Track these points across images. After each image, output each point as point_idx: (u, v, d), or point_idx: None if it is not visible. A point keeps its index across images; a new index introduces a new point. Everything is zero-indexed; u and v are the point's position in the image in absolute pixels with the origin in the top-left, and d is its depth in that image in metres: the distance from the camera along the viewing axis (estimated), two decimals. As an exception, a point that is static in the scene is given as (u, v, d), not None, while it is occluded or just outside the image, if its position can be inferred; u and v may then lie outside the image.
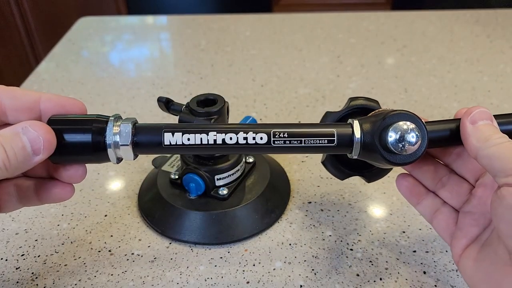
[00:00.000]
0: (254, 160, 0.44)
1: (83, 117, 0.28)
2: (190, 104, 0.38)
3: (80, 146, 0.26)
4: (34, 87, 0.64)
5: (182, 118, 0.38)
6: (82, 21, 0.87)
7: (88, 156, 0.27)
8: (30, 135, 0.25)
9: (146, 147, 0.27)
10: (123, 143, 0.27)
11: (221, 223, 0.39)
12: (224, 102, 0.38)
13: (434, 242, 0.38)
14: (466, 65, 0.67)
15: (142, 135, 0.27)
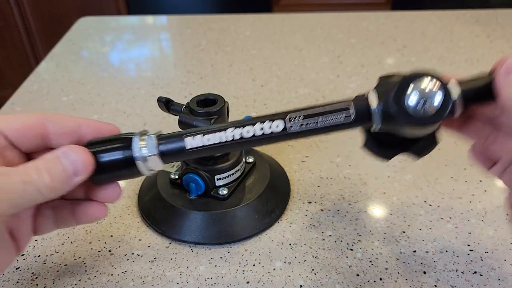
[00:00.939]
0: (254, 160, 0.44)
1: (113, 137, 0.29)
2: (190, 104, 0.38)
3: (114, 163, 0.28)
4: (34, 87, 0.64)
5: (182, 119, 0.38)
6: (82, 21, 0.87)
7: (123, 172, 0.29)
8: (70, 158, 0.27)
9: (172, 154, 0.29)
10: (149, 154, 0.28)
11: (221, 223, 0.39)
12: (224, 102, 0.38)
13: (434, 242, 0.38)
14: (466, 65, 0.67)
15: (166, 144, 0.28)
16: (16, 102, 0.60)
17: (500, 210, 0.41)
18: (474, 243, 0.38)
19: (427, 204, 0.42)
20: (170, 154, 0.29)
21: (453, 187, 0.44)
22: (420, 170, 0.46)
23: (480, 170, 0.46)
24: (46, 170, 0.26)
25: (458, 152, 0.49)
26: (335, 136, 0.52)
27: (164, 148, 0.28)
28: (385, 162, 0.33)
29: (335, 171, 0.47)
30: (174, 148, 0.28)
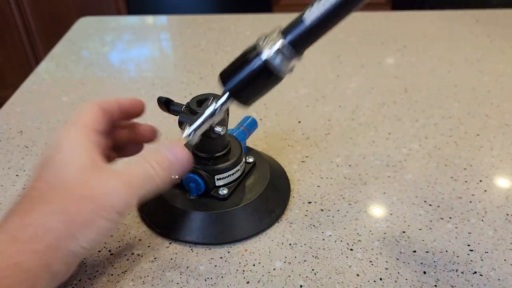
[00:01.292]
0: (254, 160, 0.44)
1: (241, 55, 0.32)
2: (190, 104, 0.38)
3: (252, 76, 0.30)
4: (34, 87, 0.64)
5: (181, 119, 0.37)
6: (82, 21, 0.87)
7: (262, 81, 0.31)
8: (175, 154, 0.33)
9: (299, 39, 0.29)
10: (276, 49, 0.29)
11: (221, 223, 0.39)
12: None
13: (434, 242, 0.38)
14: (466, 65, 0.67)
15: (289, 31, 0.29)
16: (16, 102, 0.60)
17: (500, 210, 0.41)
18: (474, 243, 0.38)
19: (427, 204, 0.42)
20: (297, 40, 0.29)
21: (453, 187, 0.44)
22: (420, 170, 0.46)
23: (480, 170, 0.46)
24: (159, 166, 0.32)
25: (458, 152, 0.49)
26: (335, 136, 0.52)
27: (290, 37, 0.29)
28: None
29: (335, 171, 0.47)
30: (299, 31, 0.28)
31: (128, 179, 0.30)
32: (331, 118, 0.55)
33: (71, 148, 0.31)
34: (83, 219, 0.29)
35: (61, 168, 0.30)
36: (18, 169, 0.48)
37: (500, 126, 0.53)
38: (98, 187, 0.30)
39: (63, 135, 0.32)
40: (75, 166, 0.30)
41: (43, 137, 0.53)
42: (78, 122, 0.33)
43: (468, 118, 0.55)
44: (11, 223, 0.29)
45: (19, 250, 0.27)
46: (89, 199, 0.29)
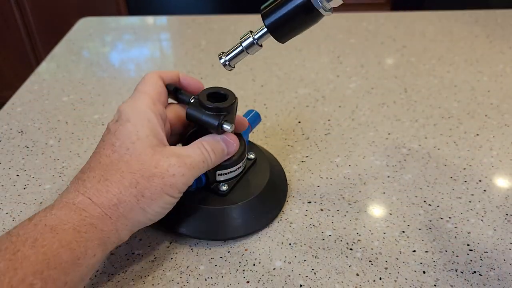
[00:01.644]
0: (255, 157, 0.44)
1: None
2: (200, 97, 0.37)
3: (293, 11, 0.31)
4: (35, 87, 0.64)
5: (190, 111, 0.37)
6: (83, 21, 0.87)
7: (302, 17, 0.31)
8: (227, 142, 0.37)
9: None
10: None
11: (218, 220, 0.39)
12: (234, 99, 0.37)
13: (433, 241, 0.38)
14: (465, 65, 0.67)
15: None
16: (17, 102, 0.61)
17: (499, 210, 0.42)
18: (473, 242, 0.38)
19: (427, 204, 0.42)
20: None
21: (452, 187, 0.44)
22: (420, 170, 0.47)
23: (480, 170, 0.46)
24: (212, 151, 0.35)
25: (458, 152, 0.49)
26: (335, 136, 0.52)
27: None
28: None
29: (335, 171, 0.47)
30: None
31: (189, 162, 0.33)
32: (331, 118, 0.55)
33: (140, 122, 0.33)
34: (152, 194, 0.32)
35: (132, 142, 0.33)
36: (18, 169, 0.48)
37: (499, 126, 0.53)
38: (165, 167, 0.32)
39: (132, 105, 0.34)
40: (145, 142, 0.33)
41: (43, 137, 0.53)
42: (144, 92, 0.36)
43: (468, 118, 0.55)
44: (89, 185, 0.32)
45: (96, 213, 0.31)
46: (159, 178, 0.32)
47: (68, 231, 0.29)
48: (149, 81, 0.37)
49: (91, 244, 0.30)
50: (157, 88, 0.36)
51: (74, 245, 0.29)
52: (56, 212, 0.30)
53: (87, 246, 0.30)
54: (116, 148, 0.33)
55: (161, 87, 0.37)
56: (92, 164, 0.33)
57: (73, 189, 0.32)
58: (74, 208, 0.31)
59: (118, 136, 0.33)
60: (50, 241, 0.28)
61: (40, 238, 0.28)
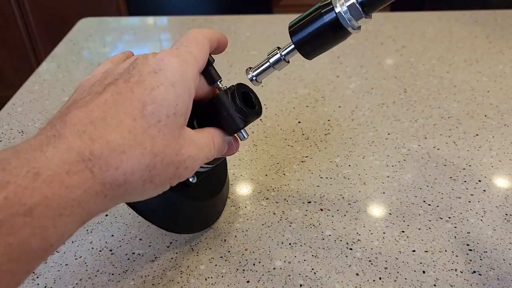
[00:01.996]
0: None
1: (314, 9, 0.32)
2: (237, 91, 0.35)
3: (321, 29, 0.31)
4: (35, 87, 0.64)
5: (222, 98, 0.34)
6: (83, 21, 0.88)
7: (330, 35, 0.32)
8: (230, 146, 0.34)
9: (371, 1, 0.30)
10: (349, 4, 0.30)
11: (181, 212, 0.37)
12: (261, 113, 0.36)
13: (433, 241, 0.38)
14: (465, 66, 0.67)
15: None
16: (17, 102, 0.61)
17: (499, 210, 0.42)
18: (473, 242, 0.38)
19: (426, 204, 0.42)
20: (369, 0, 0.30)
21: (452, 187, 0.44)
22: (419, 170, 0.47)
23: (479, 170, 0.46)
24: (216, 150, 0.32)
25: (457, 152, 0.49)
26: (334, 136, 0.52)
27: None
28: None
29: (335, 171, 0.47)
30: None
31: (201, 156, 0.30)
32: (331, 118, 0.55)
33: (184, 96, 0.28)
34: (160, 182, 0.27)
35: (167, 115, 0.27)
36: (19, 169, 0.48)
37: (499, 126, 0.53)
38: (185, 157, 0.28)
39: (182, 69, 0.28)
40: (178, 121, 0.27)
41: (44, 137, 0.53)
42: (195, 57, 0.30)
43: (467, 118, 0.55)
44: (97, 153, 0.24)
45: (93, 193, 0.24)
46: (175, 167, 0.28)
47: (47, 216, 0.22)
48: (202, 45, 0.31)
49: (70, 227, 0.24)
50: (205, 57, 0.31)
51: (51, 232, 0.23)
52: (41, 185, 0.22)
53: (65, 231, 0.24)
54: (147, 113, 0.26)
55: (207, 55, 0.32)
56: (108, 119, 0.25)
57: (74, 146, 0.24)
58: (66, 182, 0.23)
59: (155, 98, 0.26)
60: (19, 227, 0.21)
61: (8, 223, 0.21)
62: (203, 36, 0.31)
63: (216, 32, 0.34)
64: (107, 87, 0.27)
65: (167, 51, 0.29)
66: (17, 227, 0.21)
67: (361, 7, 0.30)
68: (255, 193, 0.44)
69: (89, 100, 0.26)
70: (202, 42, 0.31)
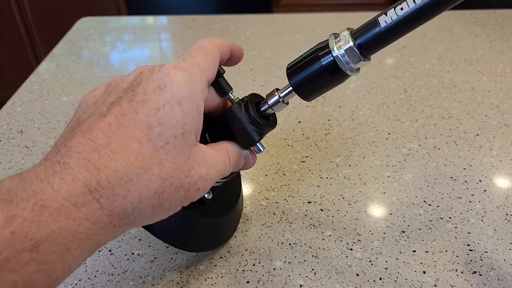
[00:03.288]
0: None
1: (312, 52, 0.31)
2: (250, 103, 0.34)
3: (319, 71, 0.31)
4: (35, 87, 0.64)
5: (234, 111, 0.33)
6: (83, 21, 0.87)
7: (328, 77, 0.31)
8: (247, 160, 0.34)
9: (369, 42, 0.29)
10: (346, 48, 0.29)
11: (197, 230, 0.36)
12: (275, 124, 0.35)
13: (433, 242, 0.38)
14: (465, 65, 0.67)
15: (361, 34, 0.30)
16: (17, 102, 0.61)
17: (499, 210, 0.42)
18: (473, 243, 0.38)
19: (427, 204, 0.42)
20: (367, 43, 0.29)
21: (452, 187, 0.44)
22: (420, 170, 0.47)
23: (479, 170, 0.46)
24: (233, 163, 0.31)
25: (458, 152, 0.49)
26: (335, 136, 0.52)
27: (361, 40, 0.29)
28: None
29: (335, 171, 0.47)
30: (369, 33, 0.29)
31: (213, 174, 0.28)
32: (331, 118, 0.55)
33: (192, 113, 0.26)
34: (170, 206, 0.26)
35: (175, 136, 0.25)
36: (18, 169, 0.48)
37: (499, 126, 0.53)
38: (195, 178, 0.26)
39: (189, 83, 0.26)
40: (187, 141, 0.26)
41: (43, 137, 0.53)
42: (204, 69, 0.28)
43: (468, 118, 0.55)
44: (104, 183, 0.23)
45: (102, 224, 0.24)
46: (185, 190, 0.26)
47: (54, 251, 0.22)
48: (211, 55, 0.29)
49: (77, 260, 0.23)
50: (215, 68, 0.30)
51: (57, 266, 0.22)
52: (48, 219, 0.21)
53: (72, 264, 0.23)
54: (153, 136, 0.24)
55: (217, 66, 0.31)
56: (113, 145, 0.24)
57: (80, 177, 0.23)
58: (73, 215, 0.22)
59: (161, 119, 0.25)
60: (25, 263, 0.21)
61: (13, 259, 0.20)
62: (213, 45, 0.30)
63: (229, 42, 0.33)
64: (111, 108, 0.25)
65: (173, 63, 0.27)
66: (23, 263, 0.21)
67: (359, 50, 0.29)
68: (255, 193, 0.44)
69: (93, 122, 0.25)
70: (211, 51, 0.30)
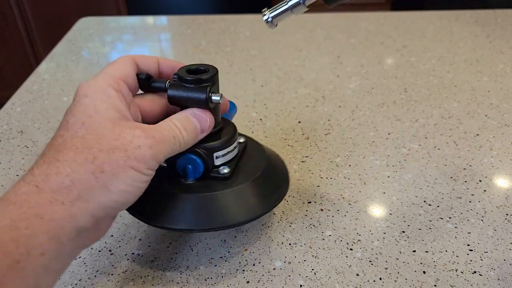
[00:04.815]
0: (245, 140, 0.40)
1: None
2: (179, 73, 0.33)
3: None
4: (35, 87, 0.64)
5: (172, 92, 0.33)
6: (83, 21, 0.87)
7: None
8: (199, 118, 0.33)
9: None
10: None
11: (229, 204, 0.34)
12: (216, 69, 0.34)
13: (433, 241, 0.38)
14: (465, 65, 0.67)
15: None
16: (17, 102, 0.61)
17: (499, 210, 0.41)
18: (473, 243, 0.38)
19: (427, 204, 0.42)
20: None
21: (452, 187, 0.44)
22: (420, 170, 0.47)
23: (480, 170, 0.46)
24: (183, 128, 0.32)
25: (458, 152, 0.49)
26: (335, 136, 0.52)
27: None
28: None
29: (335, 171, 0.47)
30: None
31: (157, 135, 0.29)
32: (331, 118, 0.55)
33: (98, 97, 0.29)
34: (113, 169, 0.27)
35: (89, 116, 0.28)
36: (18, 169, 0.48)
37: (499, 126, 0.53)
38: (128, 138, 0.28)
39: (90, 83, 0.30)
40: (104, 115, 0.29)
41: (43, 137, 0.53)
42: (106, 72, 0.32)
43: (468, 118, 0.55)
44: (36, 172, 0.27)
45: (43, 200, 0.25)
46: (121, 150, 0.28)
47: (3, 230, 0.24)
48: (117, 62, 0.33)
49: (36, 241, 0.24)
50: (123, 70, 0.32)
51: (11, 247, 0.24)
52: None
53: (29, 245, 0.24)
54: (70, 125, 0.28)
55: (129, 70, 0.33)
56: (44, 150, 0.28)
57: (20, 181, 0.27)
58: (14, 200, 0.25)
59: (74, 112, 0.29)
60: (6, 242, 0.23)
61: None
62: (122, 57, 0.33)
63: (157, 57, 0.35)
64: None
65: None
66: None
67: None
68: (255, 193, 0.44)
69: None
70: (118, 60, 0.33)
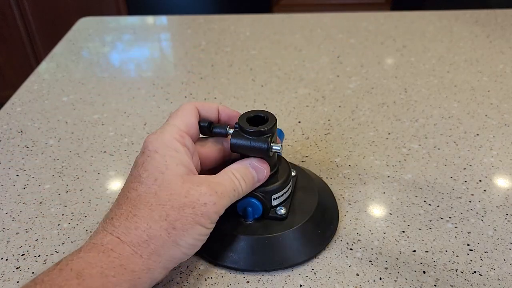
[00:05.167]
0: (296, 174, 0.41)
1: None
2: (240, 123, 0.35)
3: None
4: (35, 87, 0.64)
5: (235, 141, 0.35)
6: (83, 21, 0.87)
7: None
8: (257, 169, 0.35)
9: None
10: None
11: (284, 246, 0.36)
12: (275, 119, 0.36)
13: (433, 241, 0.38)
14: (465, 65, 0.67)
15: None
16: (17, 102, 0.61)
17: (499, 210, 0.41)
18: (473, 242, 0.38)
19: (427, 204, 0.42)
20: None
21: (452, 187, 0.44)
22: (420, 170, 0.47)
23: (480, 170, 0.46)
24: (242, 179, 0.34)
25: (458, 152, 0.49)
26: (335, 136, 0.52)
27: None
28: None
29: (335, 171, 0.47)
30: None
31: (220, 190, 0.32)
32: (331, 118, 0.55)
33: (168, 153, 0.32)
34: (183, 226, 0.30)
35: (161, 172, 0.31)
36: (18, 169, 0.48)
37: (499, 126, 0.53)
38: (196, 196, 0.31)
39: (159, 137, 0.33)
40: (174, 172, 0.31)
41: (43, 137, 0.53)
42: (173, 124, 0.34)
43: (468, 118, 0.55)
44: (116, 223, 0.30)
45: (126, 252, 0.29)
46: (190, 207, 0.31)
47: (95, 277, 0.28)
48: (181, 112, 0.35)
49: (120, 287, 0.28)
50: (187, 120, 0.35)
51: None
52: (84, 255, 0.29)
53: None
54: (143, 179, 0.31)
55: (192, 119, 0.35)
56: (120, 201, 0.32)
57: (101, 229, 0.31)
58: (102, 249, 0.29)
59: (146, 167, 0.32)
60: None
61: (65, 286, 0.27)
62: (185, 105, 0.36)
63: (217, 105, 0.38)
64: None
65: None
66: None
67: None
68: (255, 193, 0.44)
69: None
70: (182, 109, 0.36)
